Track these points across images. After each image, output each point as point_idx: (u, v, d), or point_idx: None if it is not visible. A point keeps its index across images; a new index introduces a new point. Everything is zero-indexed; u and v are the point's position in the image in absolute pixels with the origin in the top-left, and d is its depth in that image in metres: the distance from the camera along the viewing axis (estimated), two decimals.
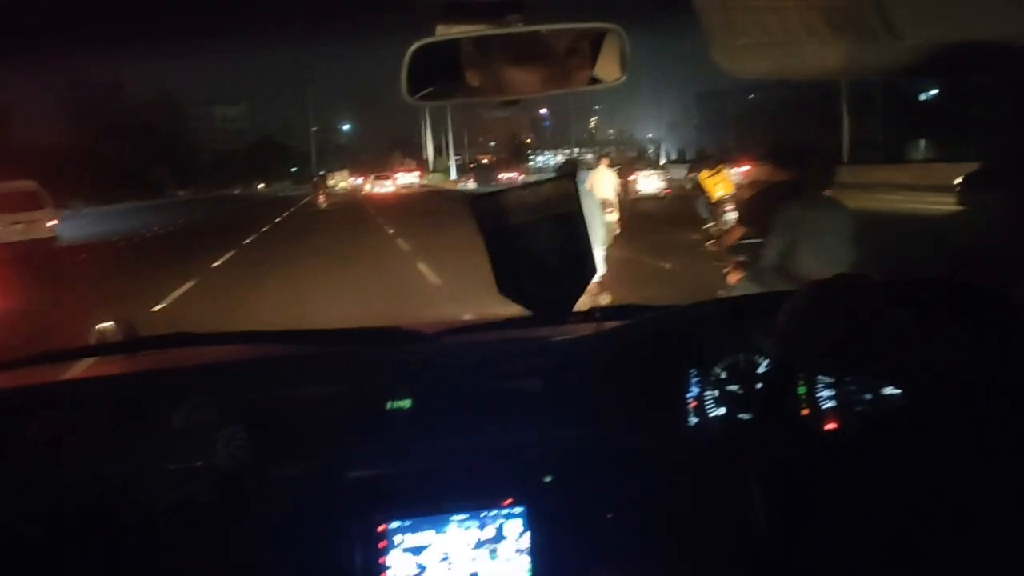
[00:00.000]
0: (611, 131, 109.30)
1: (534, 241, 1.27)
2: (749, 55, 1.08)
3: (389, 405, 1.52)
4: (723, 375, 1.60)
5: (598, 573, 1.50)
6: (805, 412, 1.59)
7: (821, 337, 1.28)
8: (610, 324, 1.68)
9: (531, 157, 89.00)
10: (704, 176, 5.77)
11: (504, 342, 1.67)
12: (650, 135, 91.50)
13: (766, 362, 1.60)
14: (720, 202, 5.37)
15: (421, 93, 1.24)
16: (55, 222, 18.99)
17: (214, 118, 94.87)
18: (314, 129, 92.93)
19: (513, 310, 1.49)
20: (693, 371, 1.59)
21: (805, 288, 1.24)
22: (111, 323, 1.65)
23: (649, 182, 26.85)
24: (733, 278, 4.59)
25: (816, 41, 1.08)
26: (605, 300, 5.82)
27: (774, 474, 1.48)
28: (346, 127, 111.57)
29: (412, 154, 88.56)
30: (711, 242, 5.37)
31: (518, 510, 1.48)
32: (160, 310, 9.63)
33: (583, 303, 1.41)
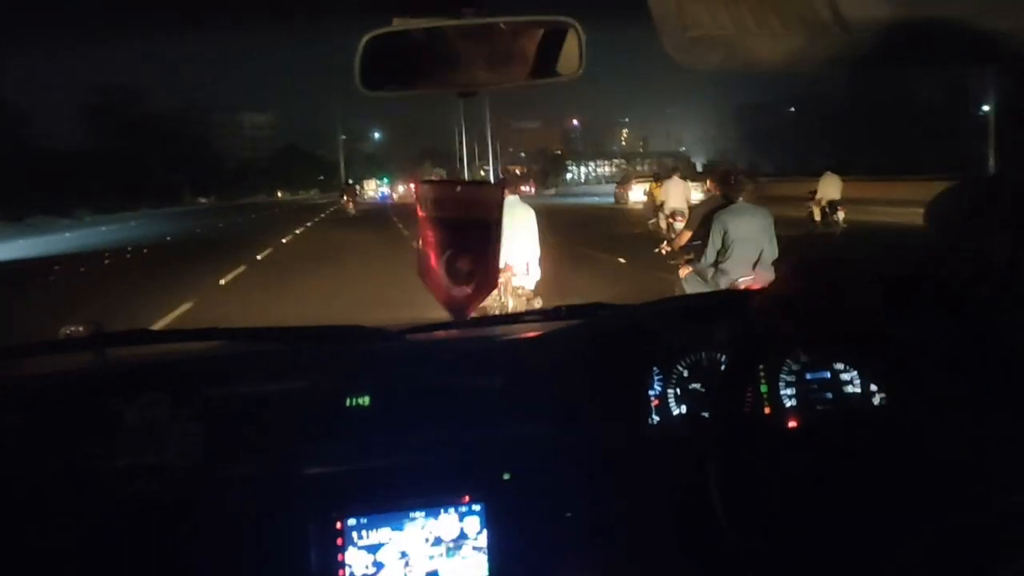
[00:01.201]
0: (640, 143, 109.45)
1: (453, 238, 1.32)
2: (700, 47, 1.11)
3: (348, 402, 1.55)
4: (685, 373, 1.64)
5: (556, 570, 1.52)
6: (767, 410, 1.61)
7: (808, 311, 1.34)
8: (573, 321, 1.71)
9: (569, 168, 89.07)
10: (652, 187, 9.39)
11: (465, 340, 1.70)
12: (683, 148, 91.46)
13: (728, 360, 1.63)
14: (662, 205, 6.24)
15: (377, 84, 1.29)
16: None
17: (242, 125, 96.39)
18: (343, 138, 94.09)
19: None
20: (655, 369, 1.63)
21: (793, 266, 1.29)
22: (80, 326, 1.71)
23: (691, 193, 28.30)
24: (683, 272, 5.95)
25: (767, 33, 1.10)
26: (537, 304, 6.42)
27: (735, 472, 1.49)
28: (376, 135, 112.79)
29: (443, 164, 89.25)
30: (664, 244, 6.59)
31: (476, 507, 1.51)
32: None
33: (516, 307, 1.46)
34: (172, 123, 70.38)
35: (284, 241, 22.04)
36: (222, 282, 13.42)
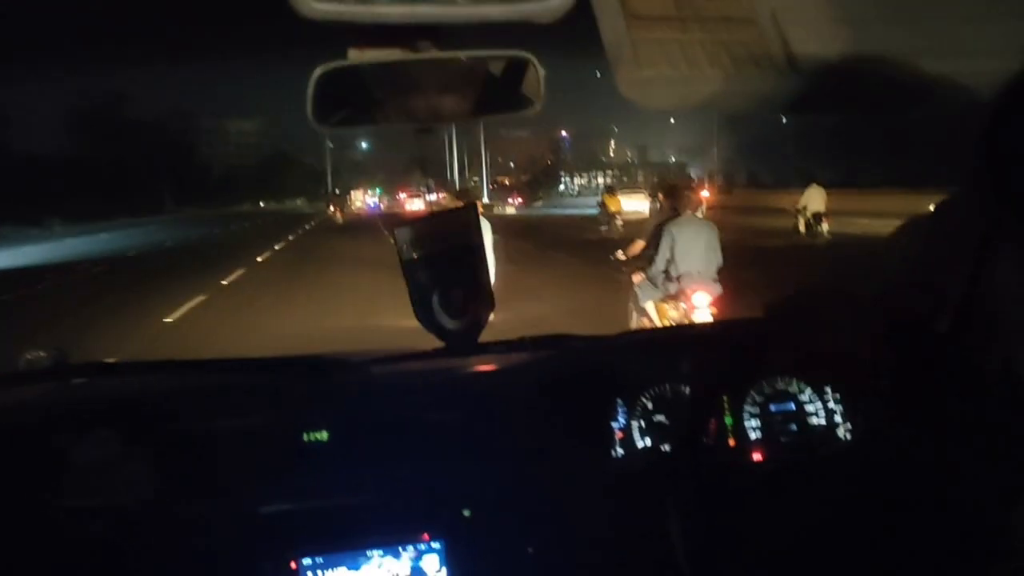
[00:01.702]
0: (629, 154, 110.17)
1: (440, 272, 1.33)
2: (654, 86, 1.13)
3: (305, 437, 1.54)
4: (649, 405, 1.64)
5: None
6: (732, 443, 1.62)
7: (773, 342, 1.38)
8: (536, 354, 1.71)
9: (562, 179, 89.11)
10: (606, 197, 15.33)
11: (427, 373, 1.70)
12: (672, 159, 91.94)
13: (692, 393, 1.64)
14: (615, 214, 9.97)
15: (331, 118, 1.29)
16: None
17: (228, 131, 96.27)
18: (330, 146, 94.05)
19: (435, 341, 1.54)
20: (619, 401, 1.63)
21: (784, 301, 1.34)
22: (41, 352, 1.69)
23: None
24: (636, 279, 6.63)
25: (720, 73, 1.12)
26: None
27: (701, 505, 1.50)
28: (363, 145, 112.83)
29: (432, 174, 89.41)
30: (620, 252, 7.14)
31: (436, 545, 1.50)
32: None
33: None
34: (156, 129, 69.75)
35: (259, 260, 20.34)
36: (169, 319, 11.17)
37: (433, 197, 60.27)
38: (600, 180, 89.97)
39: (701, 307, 6.08)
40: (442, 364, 1.68)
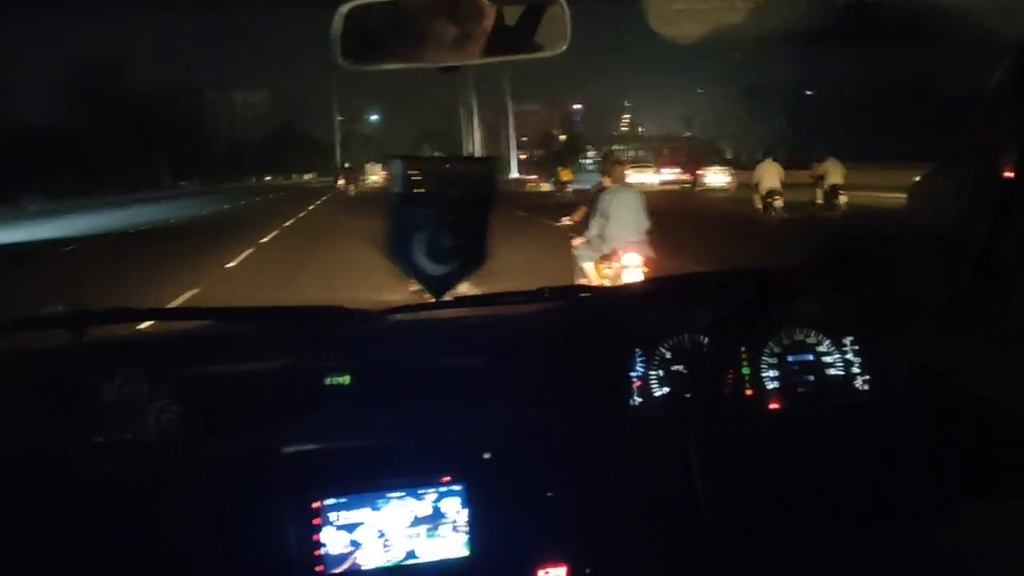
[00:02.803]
0: (641, 128, 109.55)
1: (436, 213, 1.35)
2: (685, 19, 1.15)
3: (328, 381, 1.60)
4: (668, 355, 1.69)
5: (537, 551, 1.56)
6: (749, 392, 1.67)
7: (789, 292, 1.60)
8: (555, 303, 1.75)
9: (587, 154, 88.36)
10: (559, 170, 22.66)
11: (447, 320, 1.75)
12: (688, 133, 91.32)
13: (711, 342, 1.68)
14: (566, 182, 17.63)
15: (356, 56, 1.32)
16: None
17: (234, 103, 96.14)
18: (339, 119, 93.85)
19: (460, 289, 1.57)
20: (638, 351, 1.67)
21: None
22: (60, 306, 1.74)
23: (716, 178, 35.55)
24: (576, 242, 7.54)
25: (750, 6, 1.14)
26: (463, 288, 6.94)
27: (717, 453, 1.55)
28: (373, 118, 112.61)
29: (443, 146, 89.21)
30: (566, 218, 8.14)
31: (457, 487, 1.55)
32: None
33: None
34: (158, 101, 68.42)
35: (229, 267, 13.85)
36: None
37: None
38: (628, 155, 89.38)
39: (631, 266, 6.99)
40: (460, 313, 1.73)
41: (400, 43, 1.32)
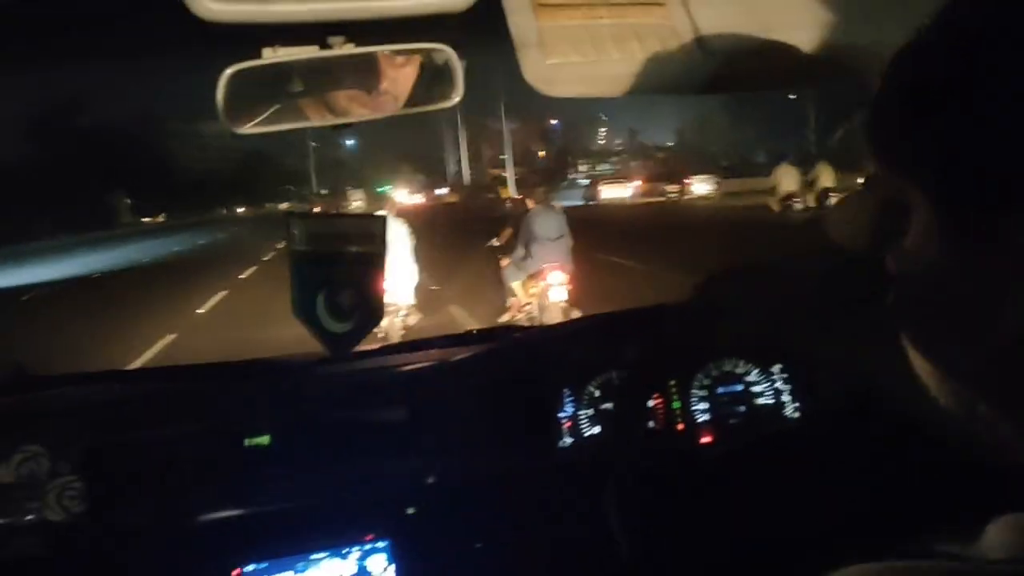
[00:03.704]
0: (618, 141, 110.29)
1: (333, 271, 1.37)
2: (559, 74, 1.17)
3: (247, 442, 1.60)
4: (597, 393, 1.71)
5: None
6: (680, 427, 1.68)
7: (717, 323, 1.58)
8: (480, 347, 1.77)
9: (580, 168, 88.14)
10: (500, 189, 16.59)
11: (368, 371, 1.76)
12: (670, 143, 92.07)
13: (638, 378, 1.70)
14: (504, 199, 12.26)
15: (244, 120, 1.34)
16: None
17: (201, 134, 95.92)
18: (313, 145, 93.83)
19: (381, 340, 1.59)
20: (566, 390, 1.69)
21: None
22: None
23: (701, 186, 37.99)
24: (503, 263, 8.04)
25: (627, 58, 1.16)
26: (413, 321, 7.52)
27: (646, 491, 1.56)
28: (349, 142, 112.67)
29: (428, 169, 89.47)
30: (495, 239, 8.52)
31: (381, 544, 1.56)
32: None
33: (393, 327, 1.51)
34: (118, 135, 66.93)
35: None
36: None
37: (443, 191, 60.32)
38: (607, 167, 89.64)
39: (555, 284, 7.48)
40: (384, 362, 1.74)
41: (289, 103, 1.34)
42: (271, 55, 1.32)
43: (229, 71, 1.28)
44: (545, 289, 7.56)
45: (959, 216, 0.46)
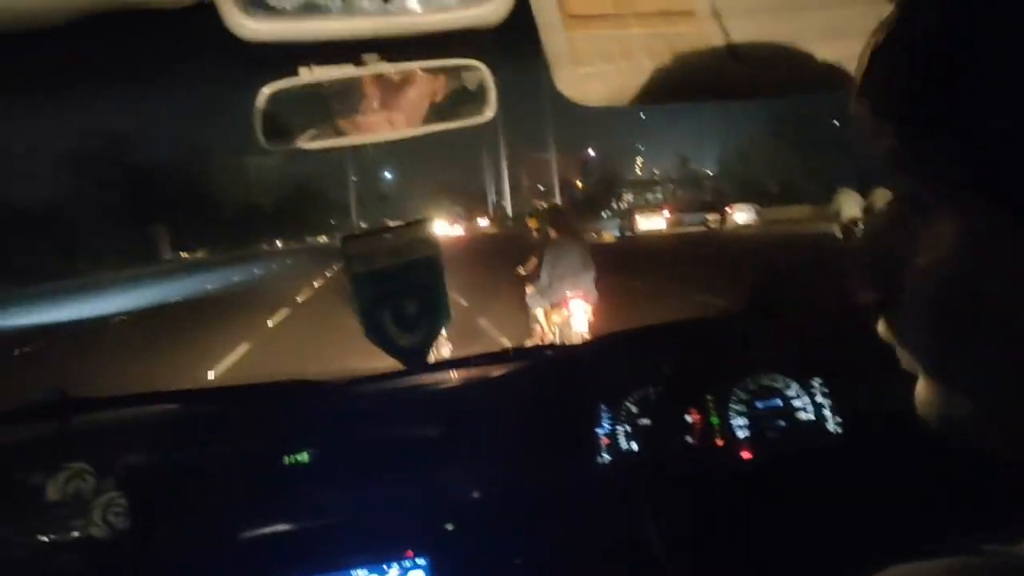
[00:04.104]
0: (655, 171, 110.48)
1: (392, 284, 1.40)
2: (591, 83, 1.19)
3: (286, 460, 1.63)
4: (634, 409, 1.70)
5: None
6: (719, 443, 1.67)
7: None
8: (515, 365, 1.78)
9: (617, 198, 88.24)
10: (529, 217, 10.68)
11: (407, 389, 1.78)
12: (709, 171, 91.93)
13: (676, 393, 1.69)
14: (533, 229, 9.45)
15: (281, 139, 1.38)
16: None
17: (246, 168, 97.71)
18: (354, 179, 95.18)
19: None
20: (603, 407, 1.69)
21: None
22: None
23: (743, 215, 39.39)
24: (528, 290, 8.15)
25: (658, 66, 1.18)
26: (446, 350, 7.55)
27: (691, 507, 1.56)
28: (388, 175, 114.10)
29: (465, 201, 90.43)
30: (521, 268, 8.62)
31: (421, 561, 1.57)
32: None
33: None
34: (162, 169, 67.37)
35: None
36: None
37: (484, 222, 61.07)
38: (653, 196, 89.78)
39: (577, 313, 7.65)
40: (421, 380, 1.76)
41: (325, 121, 1.38)
42: (307, 74, 1.36)
43: (267, 90, 1.32)
44: (567, 319, 7.75)
45: (991, 221, 0.45)
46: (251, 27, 1.10)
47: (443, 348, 7.44)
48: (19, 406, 1.69)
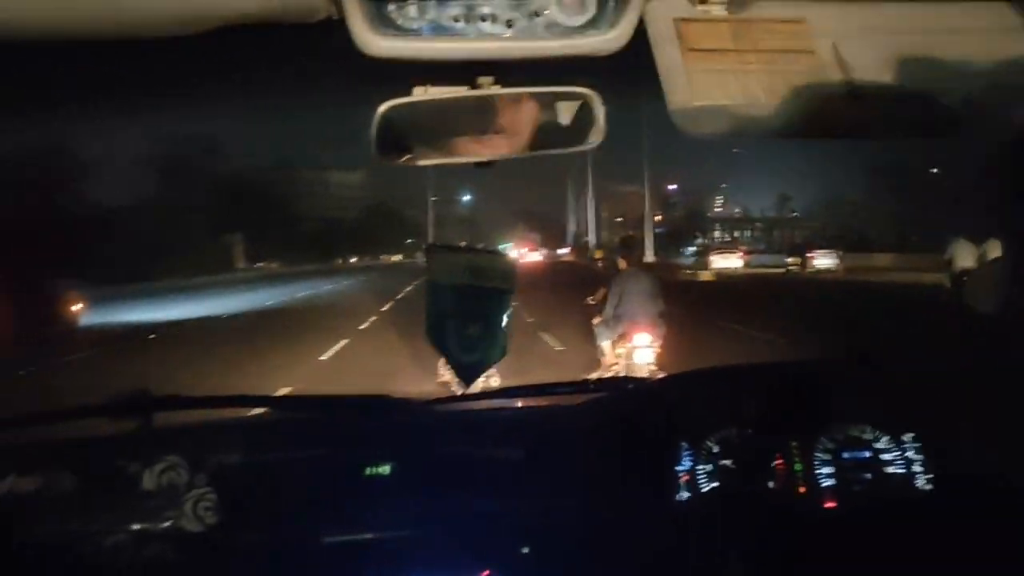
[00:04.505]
0: (737, 210, 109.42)
1: (465, 304, 1.43)
2: (706, 115, 1.20)
3: (367, 471, 1.66)
4: (716, 449, 1.69)
5: None
6: (801, 490, 1.64)
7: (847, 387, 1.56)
8: (595, 395, 1.79)
9: (711, 233, 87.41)
10: (594, 250, 19.89)
11: (489, 411, 1.80)
12: (795, 213, 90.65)
13: (760, 436, 1.67)
14: (596, 259, 22.24)
15: (393, 154, 1.42)
16: None
17: (329, 183, 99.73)
18: (433, 199, 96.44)
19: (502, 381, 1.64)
20: (684, 444, 1.69)
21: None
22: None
23: (825, 260, 39.51)
24: (595, 321, 8.23)
25: (775, 103, 1.19)
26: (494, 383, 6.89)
27: (766, 552, 1.53)
28: (466, 198, 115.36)
29: (541, 228, 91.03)
30: (590, 298, 8.59)
31: None
32: None
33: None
34: (246, 179, 68.30)
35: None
36: None
37: (565, 251, 61.31)
38: (735, 233, 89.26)
39: (642, 346, 7.61)
40: (503, 404, 1.78)
41: (435, 139, 1.42)
42: (421, 93, 1.41)
43: (384, 107, 1.37)
44: (631, 351, 7.68)
45: None
46: (378, 44, 1.14)
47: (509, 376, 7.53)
48: (118, 400, 1.76)
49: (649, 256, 47.40)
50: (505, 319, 1.47)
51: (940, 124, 1.16)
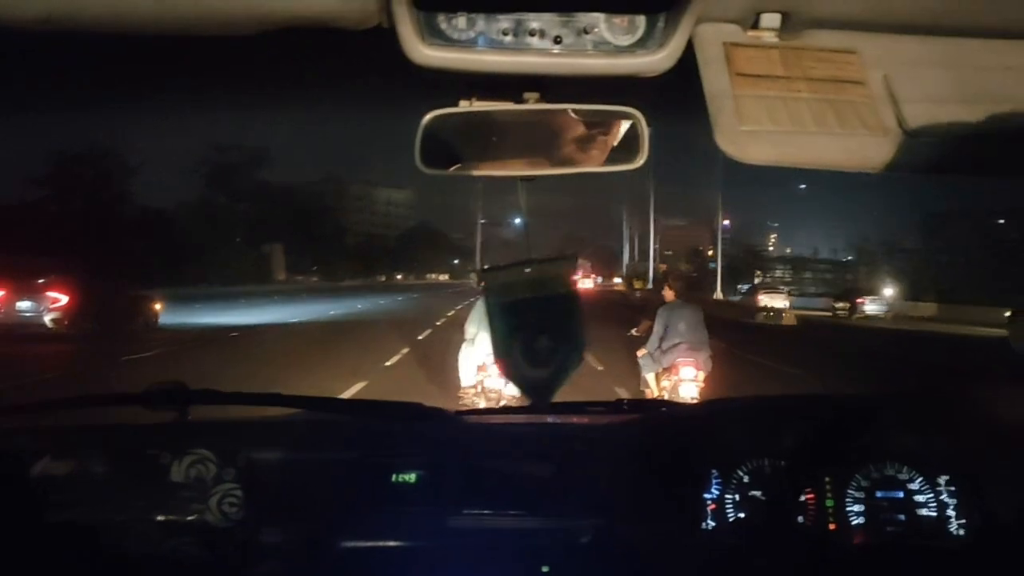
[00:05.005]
0: (788, 250, 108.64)
1: (529, 319, 1.42)
2: (753, 141, 1.20)
3: (394, 478, 1.67)
4: (746, 479, 1.68)
5: None
6: (832, 526, 1.62)
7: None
8: (633, 415, 1.78)
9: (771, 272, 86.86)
10: (633, 279, 39.48)
11: (520, 426, 1.81)
12: (849, 257, 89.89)
13: (792, 469, 1.65)
14: (637, 289, 28.14)
15: (436, 163, 1.44)
16: None
17: (376, 200, 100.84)
18: (482, 221, 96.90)
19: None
20: (714, 472, 1.67)
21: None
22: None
23: (874, 306, 41.34)
24: (639, 353, 8.16)
25: (824, 132, 1.18)
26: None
27: None
28: (516, 221, 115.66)
29: (595, 257, 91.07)
30: (634, 330, 8.67)
31: None
32: None
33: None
34: (291, 191, 68.26)
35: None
36: None
37: (617, 281, 61.24)
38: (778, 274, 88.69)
39: (687, 379, 7.54)
40: (534, 419, 1.78)
41: (478, 152, 1.43)
42: (466, 105, 1.42)
43: (429, 115, 1.38)
44: (676, 384, 7.60)
45: None
46: (426, 53, 1.16)
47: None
48: (157, 391, 1.80)
49: (718, 294, 47.35)
50: (574, 325, 1.46)
51: (995, 164, 1.15)
